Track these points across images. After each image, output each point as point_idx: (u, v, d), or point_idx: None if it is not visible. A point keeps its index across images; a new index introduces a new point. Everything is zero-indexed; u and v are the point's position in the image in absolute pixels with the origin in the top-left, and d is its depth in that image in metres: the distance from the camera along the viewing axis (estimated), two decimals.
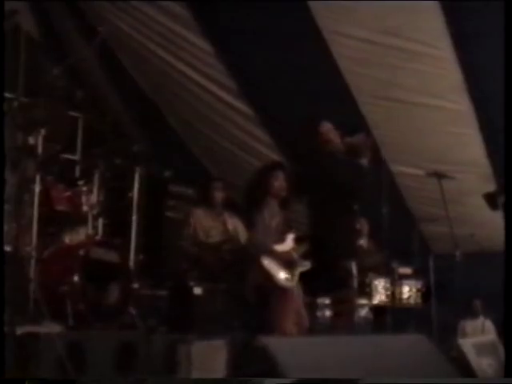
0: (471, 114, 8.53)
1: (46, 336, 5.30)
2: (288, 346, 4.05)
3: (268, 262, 6.71)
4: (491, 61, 7.65)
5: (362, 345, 4.43)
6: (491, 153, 8.92)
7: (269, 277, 6.68)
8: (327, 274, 6.54)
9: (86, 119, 8.34)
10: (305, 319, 6.94)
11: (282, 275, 6.73)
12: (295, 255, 6.86)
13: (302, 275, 6.89)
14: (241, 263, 7.39)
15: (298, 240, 6.93)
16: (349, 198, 6.64)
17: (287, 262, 6.80)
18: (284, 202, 7.09)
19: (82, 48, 7.85)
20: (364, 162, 6.54)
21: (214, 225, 8.05)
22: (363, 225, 9.02)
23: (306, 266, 6.88)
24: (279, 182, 7.03)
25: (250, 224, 7.18)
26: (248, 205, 7.17)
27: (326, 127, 6.76)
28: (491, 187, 8.42)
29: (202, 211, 8.10)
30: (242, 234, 8.03)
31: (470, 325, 10.36)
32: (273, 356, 3.78)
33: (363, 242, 8.99)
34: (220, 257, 7.73)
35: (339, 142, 6.68)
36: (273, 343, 3.92)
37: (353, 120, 8.70)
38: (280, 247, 6.88)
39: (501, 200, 7.61)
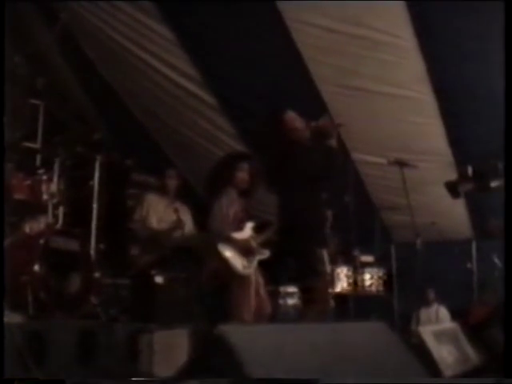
0: (433, 104, 8.55)
1: (6, 326, 5.22)
2: (248, 334, 4.02)
3: (225, 250, 6.71)
4: (453, 50, 7.69)
5: (324, 332, 4.41)
6: (453, 142, 8.97)
7: (226, 264, 6.67)
8: (298, 262, 6.52)
9: (46, 107, 8.21)
10: (266, 307, 6.94)
11: (239, 263, 6.73)
12: (254, 243, 6.86)
13: (268, 264, 6.89)
14: (199, 250, 7.39)
15: (257, 228, 6.92)
16: (318, 184, 6.61)
17: (245, 250, 6.81)
18: (244, 191, 7.08)
19: (43, 35, 7.74)
20: (332, 142, 6.53)
21: (166, 211, 8.05)
22: (327, 214, 9.03)
23: (264, 254, 6.90)
24: (242, 173, 7.04)
25: (207, 211, 7.16)
26: (208, 192, 7.16)
27: (291, 115, 6.73)
28: (453, 176, 8.45)
29: (155, 197, 8.12)
30: (189, 225, 8.05)
31: (423, 313, 10.41)
32: (233, 344, 3.75)
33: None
34: (171, 243, 7.72)
35: (305, 129, 6.65)
36: (232, 331, 3.88)
37: (315, 108, 8.68)
38: (238, 235, 6.87)
39: (462, 188, 7.64)
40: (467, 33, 7.40)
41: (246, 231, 6.95)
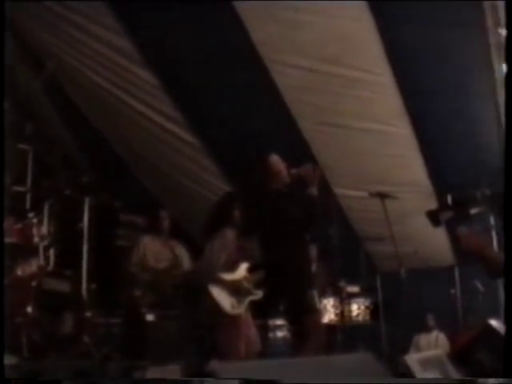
0: (411, 137, 8.60)
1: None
2: (237, 370, 4.02)
3: (214, 290, 6.70)
4: (429, 84, 7.76)
5: (312, 366, 4.41)
6: (432, 173, 9.02)
7: (214, 304, 6.66)
8: (288, 301, 6.52)
9: (35, 151, 8.25)
10: (256, 344, 6.92)
11: (227, 303, 6.71)
12: (246, 284, 6.85)
13: (259, 302, 6.87)
14: (190, 289, 7.39)
15: (251, 269, 6.91)
16: (300, 228, 6.62)
17: (236, 291, 6.79)
18: (241, 231, 7.08)
19: (30, 82, 7.76)
20: (313, 191, 6.52)
21: (162, 250, 8.07)
22: (312, 250, 9.05)
23: (257, 294, 6.87)
24: (238, 211, 7.04)
25: (197, 253, 7.18)
26: (206, 234, 7.16)
27: (274, 159, 6.73)
28: (433, 205, 8.50)
29: (150, 238, 8.15)
30: (186, 261, 8.08)
31: (424, 339, 10.42)
32: (221, 381, 3.75)
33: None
34: (171, 281, 7.73)
35: (286, 174, 6.65)
36: (222, 368, 3.88)
37: (297, 146, 8.73)
38: (230, 276, 6.86)
39: (443, 217, 7.69)
40: (443, 66, 7.48)
41: (240, 272, 6.93)
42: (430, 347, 10.02)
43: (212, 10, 7.48)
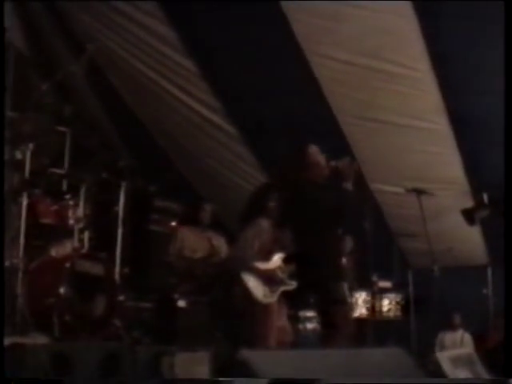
0: (449, 133, 8.53)
1: (32, 347, 5.22)
2: (269, 359, 3.99)
3: (247, 278, 6.68)
4: (469, 81, 7.67)
5: (343, 358, 4.37)
6: (469, 170, 8.93)
7: (247, 292, 6.64)
8: (318, 293, 6.48)
9: (73, 134, 8.26)
10: (288, 335, 6.89)
11: (260, 291, 6.68)
12: (280, 274, 6.81)
13: (290, 292, 6.83)
14: (224, 277, 7.39)
15: (286, 260, 6.86)
16: (333, 221, 6.57)
17: (269, 280, 6.75)
18: (276, 222, 7.03)
19: (70, 65, 7.78)
20: (348, 186, 6.46)
21: (199, 241, 8.08)
22: (347, 243, 9.02)
23: (291, 285, 6.81)
24: (275, 203, 7.00)
25: (232, 241, 7.16)
26: (241, 223, 7.14)
27: (314, 149, 6.68)
28: (469, 203, 8.42)
29: (187, 228, 8.16)
30: (225, 251, 8.09)
31: (449, 337, 10.35)
32: (254, 369, 3.72)
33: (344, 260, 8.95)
34: (207, 270, 7.74)
35: (325, 166, 6.59)
36: (254, 356, 3.85)
37: (335, 139, 8.68)
38: (264, 265, 6.82)
39: (478, 215, 7.61)
40: (483, 64, 7.38)
41: (274, 262, 6.88)
42: (455, 346, 9.95)
43: (254, 1, 7.46)
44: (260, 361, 3.85)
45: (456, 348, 9.75)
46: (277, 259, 6.87)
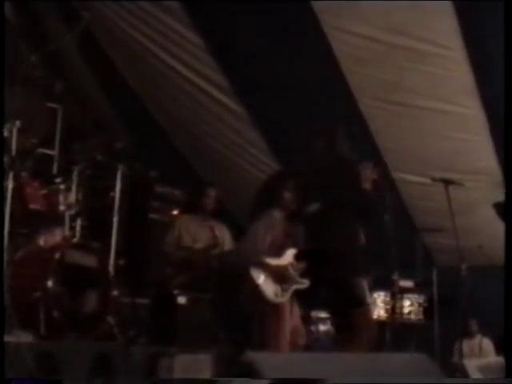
0: (482, 119, 8.50)
1: (16, 346, 5.21)
2: (277, 363, 3.96)
3: (257, 275, 6.64)
4: (504, 62, 7.61)
5: (360, 363, 4.35)
6: (502, 160, 8.87)
7: (256, 290, 6.60)
8: (336, 291, 6.46)
9: (65, 112, 8.25)
10: (300, 338, 6.87)
11: (270, 289, 6.64)
12: (292, 271, 6.77)
13: (303, 291, 6.81)
14: (229, 272, 7.36)
15: (299, 256, 6.83)
16: (352, 215, 6.57)
17: (281, 277, 6.72)
18: (291, 214, 6.99)
19: (63, 34, 7.76)
20: (367, 186, 6.48)
21: (200, 230, 8.05)
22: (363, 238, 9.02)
23: (303, 283, 6.78)
24: (290, 193, 6.95)
25: (239, 234, 7.13)
26: (249, 214, 7.11)
27: (340, 136, 6.69)
28: (502, 197, 8.37)
29: (188, 216, 8.14)
30: (228, 242, 8.09)
31: (466, 346, 10.32)
32: (260, 373, 3.70)
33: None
34: (208, 263, 7.72)
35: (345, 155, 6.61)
36: (261, 359, 3.83)
37: (354, 124, 8.64)
38: (275, 261, 6.78)
39: None
40: None
41: (286, 257, 6.84)
42: (473, 355, 9.94)
43: None
44: (267, 364, 3.82)
45: (474, 356, 9.75)
46: (289, 255, 6.84)
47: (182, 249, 7.92)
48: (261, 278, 6.64)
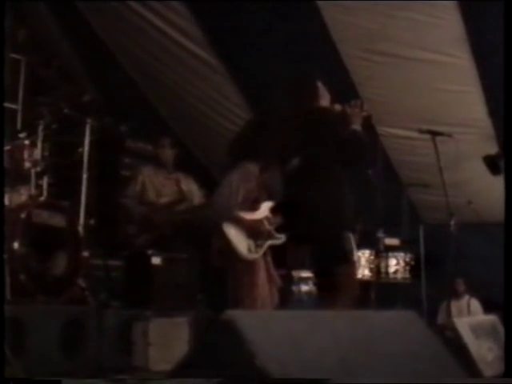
0: (471, 69, 8.46)
1: None
2: (259, 321, 3.94)
3: (230, 230, 6.58)
4: (495, 9, 7.56)
5: (347, 321, 4.32)
6: (493, 112, 8.86)
7: (229, 246, 6.55)
8: (318, 247, 6.40)
9: (28, 63, 8.16)
10: (272, 296, 6.83)
11: (244, 245, 6.60)
12: (267, 225, 6.73)
13: (280, 248, 6.77)
14: (202, 228, 7.32)
15: (275, 209, 6.78)
16: (338, 166, 6.50)
17: (255, 232, 6.67)
18: (265, 165, 6.94)
19: None
20: (357, 127, 6.41)
21: (165, 183, 8.02)
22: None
23: (278, 238, 6.75)
24: (263, 141, 6.89)
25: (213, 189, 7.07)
26: (222, 166, 7.06)
27: (320, 84, 6.61)
28: (493, 150, 8.36)
29: (151, 168, 8.11)
30: (197, 195, 8.10)
31: (453, 306, 10.38)
32: (241, 332, 3.66)
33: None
34: (173, 218, 7.68)
35: (331, 107, 6.53)
36: (242, 318, 3.79)
37: (336, 75, 8.58)
38: (250, 215, 6.74)
39: (503, 163, 7.56)
40: None
41: (262, 211, 6.80)
42: (461, 316, 9.99)
43: None
44: (248, 322, 3.79)
45: (463, 315, 9.81)
46: (264, 208, 6.79)
47: (144, 204, 7.89)
48: (233, 233, 6.58)
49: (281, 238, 6.74)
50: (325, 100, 6.52)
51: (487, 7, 7.57)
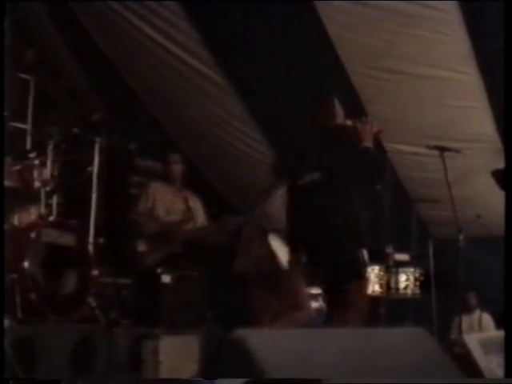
0: (479, 85, 8.46)
1: None
2: (270, 341, 3.95)
3: (275, 240, 6.63)
4: (501, 24, 7.59)
5: (356, 339, 4.34)
6: (501, 126, 8.87)
7: (272, 255, 6.59)
8: (331, 262, 6.42)
9: (38, 83, 8.20)
10: (307, 311, 6.87)
11: (285, 257, 6.62)
12: None
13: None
14: (205, 247, 7.36)
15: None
16: (351, 182, 6.52)
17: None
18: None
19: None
20: (369, 144, 6.44)
21: (174, 200, 8.08)
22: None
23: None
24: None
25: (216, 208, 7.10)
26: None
27: (335, 100, 6.63)
28: (501, 164, 8.38)
29: (161, 185, 8.15)
30: (201, 216, 8.12)
31: (465, 321, 10.36)
32: (252, 352, 3.68)
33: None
34: (182, 236, 7.72)
35: (342, 122, 6.55)
36: (252, 337, 3.81)
37: (343, 93, 8.59)
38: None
39: None
40: None
41: None
42: (472, 331, 9.98)
43: None
44: (259, 342, 3.81)
45: (474, 332, 9.79)
46: None
47: (153, 220, 7.93)
48: (276, 244, 6.62)
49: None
50: (340, 117, 6.55)
51: (493, 22, 7.60)
